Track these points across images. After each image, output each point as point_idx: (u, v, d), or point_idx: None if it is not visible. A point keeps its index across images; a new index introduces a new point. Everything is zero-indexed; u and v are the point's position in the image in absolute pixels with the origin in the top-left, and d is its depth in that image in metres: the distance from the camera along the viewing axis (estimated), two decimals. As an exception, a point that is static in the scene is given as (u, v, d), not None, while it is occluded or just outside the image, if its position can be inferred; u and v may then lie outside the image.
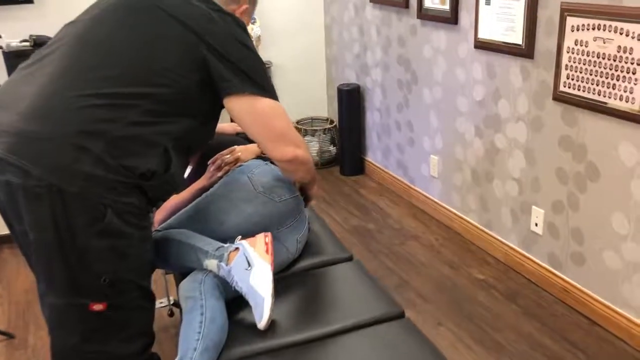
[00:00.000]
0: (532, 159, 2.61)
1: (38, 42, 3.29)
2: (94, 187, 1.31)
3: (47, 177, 1.28)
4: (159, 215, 1.95)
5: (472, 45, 2.84)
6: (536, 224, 2.66)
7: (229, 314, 1.56)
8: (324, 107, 4.51)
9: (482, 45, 2.76)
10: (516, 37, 2.55)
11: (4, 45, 3.30)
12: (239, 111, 1.49)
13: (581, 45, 2.26)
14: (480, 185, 2.99)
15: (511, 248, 2.85)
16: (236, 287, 1.52)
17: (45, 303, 1.42)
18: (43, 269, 1.38)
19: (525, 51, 2.52)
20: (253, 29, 3.81)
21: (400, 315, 1.63)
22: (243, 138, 2.15)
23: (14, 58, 3.20)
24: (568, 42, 2.31)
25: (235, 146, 1.98)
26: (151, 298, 1.51)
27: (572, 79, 2.32)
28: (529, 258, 2.75)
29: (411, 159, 3.58)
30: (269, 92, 1.52)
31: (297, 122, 4.32)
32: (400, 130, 3.63)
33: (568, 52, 2.32)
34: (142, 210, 1.41)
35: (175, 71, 1.40)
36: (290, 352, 1.48)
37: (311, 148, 4.22)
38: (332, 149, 4.28)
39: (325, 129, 4.25)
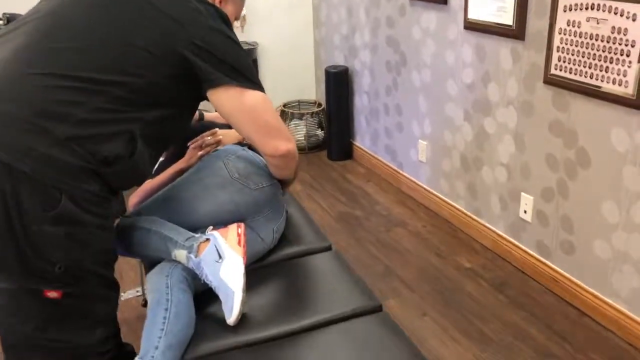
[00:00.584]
0: (522, 144, 2.53)
1: (11, 20, 3.17)
2: (46, 168, 1.24)
3: (1, 154, 1.21)
4: (133, 198, 1.87)
5: (462, 27, 2.74)
6: (525, 211, 2.59)
7: (198, 308, 1.48)
8: (311, 89, 4.41)
9: (472, 26, 2.66)
10: (507, 17, 2.45)
11: (-24, 24, 3.18)
12: (226, 106, 1.44)
13: (573, 26, 2.16)
14: (469, 171, 2.91)
15: (499, 236, 2.78)
16: (206, 280, 1.44)
17: None
18: None
19: (515, 32, 2.42)
20: (238, 9, 3.69)
21: (378, 309, 1.55)
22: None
23: (-13, 37, 3.08)
24: (560, 22, 2.21)
25: (217, 129, 1.89)
26: (113, 287, 1.44)
27: (564, 62, 2.23)
28: (517, 246, 2.68)
29: (400, 144, 3.49)
30: (255, 84, 1.45)
31: (284, 105, 4.22)
32: (389, 114, 3.53)
33: (560, 34, 2.22)
34: (102, 198, 1.33)
35: (149, 62, 1.34)
36: (261, 349, 1.40)
37: (298, 132, 4.12)
38: (320, 133, 4.18)
39: (312, 113, 4.15)
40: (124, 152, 1.33)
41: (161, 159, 2.03)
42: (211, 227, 1.51)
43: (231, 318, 1.40)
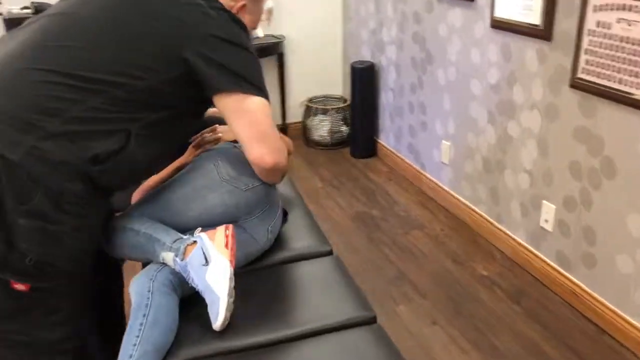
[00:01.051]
0: (545, 150, 2.41)
1: (39, 10, 3.20)
2: (34, 161, 1.24)
3: None
4: (136, 195, 1.85)
5: (489, 25, 2.62)
6: (546, 220, 2.47)
7: (185, 310, 1.44)
8: (338, 85, 4.34)
9: (499, 25, 2.55)
10: (534, 16, 2.34)
11: (4, 12, 3.22)
12: (226, 109, 1.42)
13: (603, 28, 2.04)
14: (491, 175, 2.81)
15: (519, 244, 2.67)
16: (192, 284, 1.40)
17: None
18: None
19: (542, 32, 2.31)
20: (264, 1, 3.65)
21: (372, 321, 1.49)
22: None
23: (15, 25, 3.12)
24: (589, 23, 2.09)
25: (217, 125, 1.85)
26: (83, 288, 1.42)
27: (592, 65, 2.11)
28: (536, 255, 2.57)
29: (423, 144, 3.40)
30: (260, 90, 1.42)
31: (309, 100, 4.16)
32: (413, 112, 3.44)
33: (588, 35, 2.10)
34: (83, 199, 1.31)
35: (153, 65, 1.34)
36: (245, 356, 1.36)
37: (322, 128, 4.06)
38: (344, 129, 4.11)
39: (338, 108, 4.09)
40: (113, 148, 1.32)
41: None
42: (199, 229, 1.47)
43: (216, 323, 1.36)
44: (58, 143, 1.26)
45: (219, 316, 1.35)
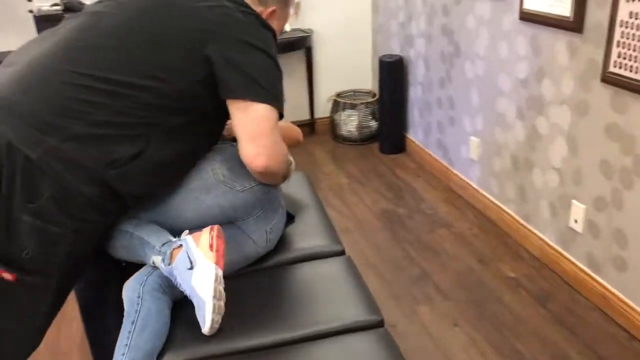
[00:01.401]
0: (575, 147, 2.30)
1: (69, 7, 3.25)
2: (53, 160, 1.25)
3: (11, 138, 1.23)
4: None
5: (517, 17, 2.52)
6: (575, 221, 2.37)
7: (179, 313, 1.43)
8: (367, 79, 4.27)
9: (528, 17, 2.45)
10: (564, 8, 2.23)
11: (34, 9, 3.28)
12: (233, 109, 1.41)
13: (637, 19, 1.93)
14: (519, 173, 2.71)
15: (548, 244, 2.57)
16: (180, 288, 1.38)
17: None
18: None
19: (573, 24, 2.20)
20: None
21: (378, 325, 1.44)
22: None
23: (45, 22, 3.18)
24: (622, 14, 1.98)
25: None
26: (61, 295, 1.41)
27: (624, 58, 2.00)
28: (566, 257, 2.46)
29: (451, 140, 3.31)
30: (275, 100, 1.42)
31: (338, 95, 4.11)
32: (442, 107, 3.35)
33: (621, 27, 1.99)
34: (95, 205, 1.33)
35: (180, 68, 1.35)
36: (245, 358, 1.33)
37: (351, 123, 4.01)
38: (373, 124, 4.05)
39: (367, 103, 4.03)
40: (132, 152, 1.32)
41: None
42: (186, 232, 1.44)
43: (204, 328, 1.33)
44: (79, 145, 1.27)
45: (206, 320, 1.33)
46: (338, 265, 1.67)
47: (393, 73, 3.68)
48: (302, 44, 3.88)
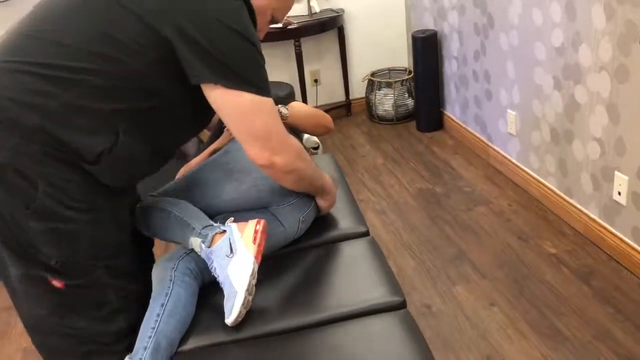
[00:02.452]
0: (616, 116, 2.18)
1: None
2: (23, 158, 1.18)
3: None
4: (180, 174, 1.86)
5: (550, -19, 2.40)
6: (619, 193, 2.25)
7: (205, 296, 1.43)
8: (403, 56, 4.18)
9: (561, -20, 2.33)
10: (599, -33, 2.10)
11: None
12: (213, 103, 1.27)
13: (676, -26, 1.80)
14: (559, 146, 2.59)
15: (591, 219, 2.46)
16: (214, 273, 1.37)
17: (7, 273, 1.33)
18: None
19: (609, -15, 2.07)
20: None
21: (400, 306, 1.41)
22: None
23: None
24: (660, -30, 1.85)
25: None
26: (126, 277, 1.40)
27: (665, 18, 1.87)
28: (610, 231, 2.35)
29: (488, 114, 3.20)
30: (252, 85, 1.26)
31: (372, 75, 4.05)
32: (478, 81, 3.25)
33: (660, -16, 1.86)
34: (90, 192, 1.26)
35: (131, 47, 1.19)
36: (261, 343, 1.32)
37: (387, 102, 3.94)
38: (410, 102, 3.96)
39: (402, 80, 3.94)
40: (103, 147, 1.22)
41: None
42: (231, 219, 1.43)
43: (229, 319, 1.31)
44: (42, 140, 1.18)
45: (233, 311, 1.31)
46: (362, 246, 1.64)
47: (427, 48, 3.59)
48: (333, 24, 3.82)
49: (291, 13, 3.80)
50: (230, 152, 1.64)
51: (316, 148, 2.34)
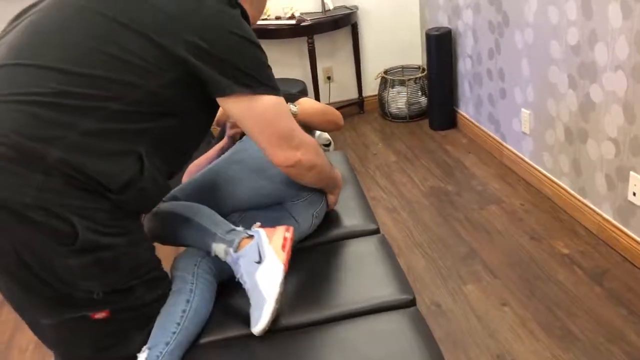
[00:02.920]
0: (632, 115, 2.16)
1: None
2: (49, 195, 1.10)
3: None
4: (185, 177, 1.87)
5: (567, -22, 2.38)
6: (634, 193, 2.23)
7: (218, 292, 1.43)
8: (417, 54, 4.16)
9: (578, -22, 2.30)
10: (616, -35, 2.08)
11: None
12: (235, 112, 1.27)
13: (695, -28, 1.77)
14: (573, 145, 2.57)
15: (605, 219, 2.43)
16: (240, 280, 1.34)
17: (40, 325, 1.27)
18: (23, 295, 1.22)
19: (626, -18, 2.05)
20: (333, -28, 3.54)
21: (409, 304, 1.41)
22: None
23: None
24: (679, -32, 1.82)
25: None
26: (164, 286, 1.35)
27: (683, 16, 1.84)
28: (624, 232, 2.33)
29: (502, 113, 3.18)
30: (269, 87, 1.27)
31: (385, 72, 4.03)
32: (492, 79, 3.22)
33: (678, -18, 1.83)
34: (119, 216, 1.20)
35: (144, 69, 1.16)
36: (270, 339, 1.33)
37: (400, 99, 3.93)
38: (423, 100, 3.95)
39: (415, 79, 3.92)
40: (129, 175, 1.18)
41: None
42: (258, 224, 1.42)
43: (257, 328, 1.28)
44: (66, 174, 1.11)
45: (261, 320, 1.27)
46: (372, 244, 1.64)
47: (441, 46, 3.57)
48: (347, 21, 3.81)
49: (305, 9, 3.81)
50: (243, 151, 1.63)
51: (328, 145, 2.33)
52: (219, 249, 1.39)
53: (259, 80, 1.25)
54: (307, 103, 1.86)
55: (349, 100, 4.14)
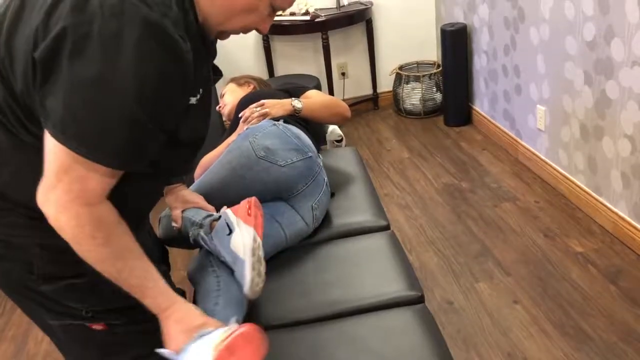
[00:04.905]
0: (649, 112, 2.13)
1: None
2: (5, 228, 1.06)
3: None
4: (198, 171, 1.88)
5: (583, -27, 2.34)
6: (650, 192, 2.20)
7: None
8: (432, 50, 4.14)
9: (595, -27, 2.27)
10: (633, -41, 2.05)
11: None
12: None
13: None
14: (588, 142, 2.54)
15: (620, 217, 2.40)
16: (221, 258, 1.39)
17: (50, 327, 1.23)
18: (23, 304, 1.20)
19: (644, -23, 2.01)
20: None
21: (418, 301, 1.40)
22: (283, 91, 1.98)
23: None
24: (698, -38, 1.79)
25: (264, 100, 1.82)
26: None
27: (702, 11, 1.81)
28: (640, 231, 2.30)
29: (517, 109, 3.15)
30: (91, 152, 0.93)
31: (400, 68, 4.01)
32: (507, 75, 3.19)
33: (697, -24, 1.80)
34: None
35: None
36: (279, 333, 1.34)
37: (414, 95, 3.91)
38: (438, 96, 3.92)
39: (431, 74, 3.90)
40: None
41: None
42: (225, 207, 1.45)
43: (245, 287, 1.30)
44: (13, 206, 1.05)
45: (246, 278, 1.29)
46: (381, 240, 1.64)
47: (456, 42, 3.54)
48: (362, 17, 3.80)
49: (319, 5, 3.80)
50: (231, 152, 1.63)
51: (340, 141, 2.33)
52: (195, 235, 1.43)
53: (79, 138, 0.94)
54: (312, 96, 1.86)
55: (364, 96, 4.13)
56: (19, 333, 2.37)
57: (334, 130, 2.34)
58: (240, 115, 1.80)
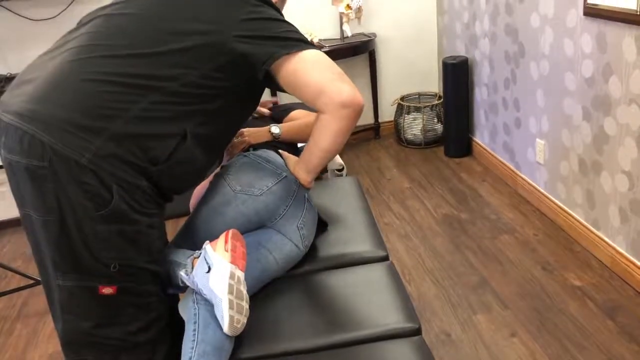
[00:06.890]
0: (646, 149, 2.16)
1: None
2: (103, 162, 1.27)
3: (58, 148, 1.24)
4: (193, 200, 1.90)
5: (582, 12, 2.40)
6: (648, 228, 2.22)
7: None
8: (434, 81, 4.20)
9: (592, 12, 2.32)
10: (629, 0, 2.10)
11: None
12: (291, 72, 1.40)
13: None
14: (587, 177, 2.56)
15: (618, 252, 2.41)
16: (204, 296, 1.39)
17: (53, 286, 1.38)
18: (48, 250, 1.34)
19: (640, 18, 2.07)
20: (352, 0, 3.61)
21: (415, 333, 1.41)
22: (254, 119, 2.03)
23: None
24: (692, 5, 1.84)
25: (243, 129, 1.86)
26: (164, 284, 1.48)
27: (697, 52, 1.85)
28: (638, 266, 2.31)
29: (517, 142, 3.19)
30: (308, 44, 1.43)
31: (402, 98, 4.07)
32: (507, 108, 3.24)
33: (692, 18, 1.85)
34: (151, 197, 1.37)
35: (202, 54, 1.36)
36: (278, 362, 1.34)
37: (415, 126, 3.95)
38: (439, 127, 3.97)
39: (432, 105, 3.95)
40: (170, 148, 1.35)
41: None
42: (207, 242, 1.45)
43: (224, 326, 1.31)
44: (122, 144, 1.29)
45: (224, 317, 1.30)
46: (380, 271, 1.65)
47: (457, 75, 3.60)
48: (365, 48, 3.87)
49: (324, 36, 3.87)
50: (209, 191, 1.64)
51: (341, 170, 2.36)
52: (181, 275, 1.45)
53: (298, 40, 1.41)
54: (298, 117, 1.91)
55: (365, 126, 4.18)
56: (15, 356, 2.37)
57: (335, 160, 2.37)
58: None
